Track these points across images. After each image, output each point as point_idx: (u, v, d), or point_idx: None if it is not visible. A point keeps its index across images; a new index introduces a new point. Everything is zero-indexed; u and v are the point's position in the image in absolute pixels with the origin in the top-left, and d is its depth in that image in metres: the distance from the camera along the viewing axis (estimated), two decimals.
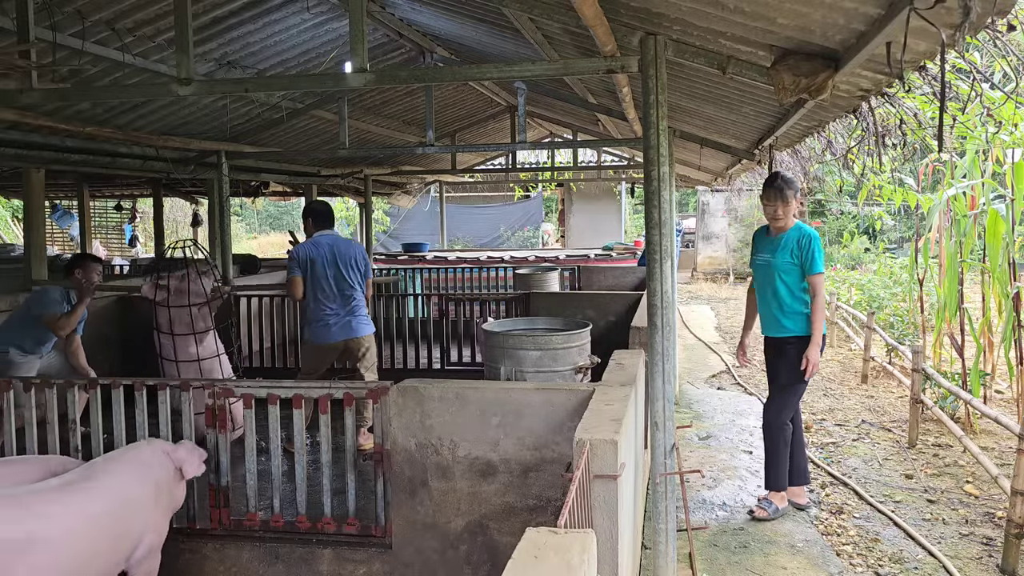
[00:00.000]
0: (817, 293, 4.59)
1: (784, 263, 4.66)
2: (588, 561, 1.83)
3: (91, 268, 5.54)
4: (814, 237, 4.65)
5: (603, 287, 10.10)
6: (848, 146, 4.61)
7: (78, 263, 5.54)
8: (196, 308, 5.53)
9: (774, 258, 4.71)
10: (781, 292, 4.67)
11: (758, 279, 4.86)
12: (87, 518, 2.99)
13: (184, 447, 3.62)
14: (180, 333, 5.50)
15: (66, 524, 2.91)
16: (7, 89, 3.95)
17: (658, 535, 3.39)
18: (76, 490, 3.05)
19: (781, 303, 4.67)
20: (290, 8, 5.51)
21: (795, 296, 4.65)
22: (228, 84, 4.10)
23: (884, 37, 2.40)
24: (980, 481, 5.28)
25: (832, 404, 7.47)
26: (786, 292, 4.66)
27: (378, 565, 3.65)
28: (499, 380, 4.70)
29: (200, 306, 5.57)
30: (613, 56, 3.47)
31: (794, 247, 4.64)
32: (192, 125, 7.14)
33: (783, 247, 4.68)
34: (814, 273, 4.59)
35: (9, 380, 3.93)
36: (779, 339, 4.72)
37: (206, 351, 5.62)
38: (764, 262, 4.79)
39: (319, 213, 5.49)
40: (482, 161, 15.35)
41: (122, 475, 3.26)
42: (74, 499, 3.01)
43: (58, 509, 2.93)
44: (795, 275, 4.64)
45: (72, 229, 15.56)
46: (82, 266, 5.48)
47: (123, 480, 3.23)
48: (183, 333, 5.50)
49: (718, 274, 20.57)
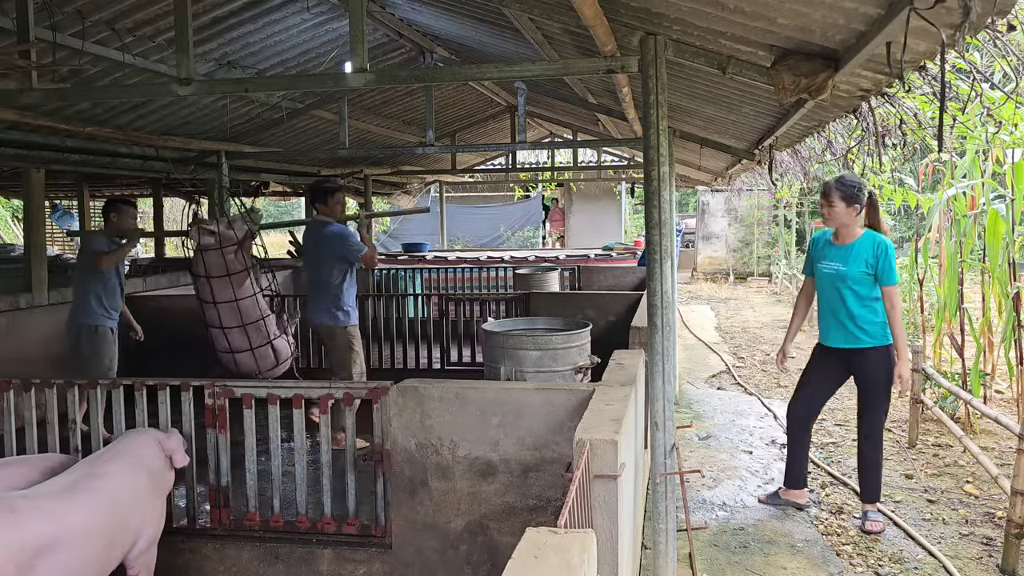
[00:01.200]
0: (895, 304, 4.44)
1: (857, 273, 4.49)
2: (588, 561, 1.83)
3: (125, 211, 5.75)
4: (888, 246, 4.49)
5: (603, 287, 10.10)
6: (848, 146, 4.61)
7: (112, 207, 5.74)
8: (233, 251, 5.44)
9: (845, 267, 4.53)
10: (851, 302, 4.51)
11: (823, 288, 4.69)
12: (98, 516, 3.00)
13: (174, 436, 3.66)
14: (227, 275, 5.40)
15: (80, 524, 2.91)
16: (7, 89, 3.95)
17: (658, 535, 3.39)
18: (85, 489, 3.05)
19: (852, 313, 4.51)
20: (290, 8, 5.51)
21: (866, 306, 4.50)
22: (228, 84, 4.10)
23: (884, 37, 2.40)
24: (980, 481, 5.27)
25: (832, 404, 7.45)
26: (856, 302, 4.51)
27: (378, 565, 3.65)
28: (499, 380, 4.70)
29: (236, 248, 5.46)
30: (613, 56, 3.47)
31: (868, 257, 4.48)
32: (192, 125, 7.14)
33: (855, 256, 4.52)
34: (891, 284, 4.44)
35: (9, 380, 3.93)
36: (851, 350, 4.56)
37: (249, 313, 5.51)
38: (832, 271, 4.60)
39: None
40: (482, 161, 15.35)
41: (120, 469, 3.27)
42: (85, 498, 3.01)
43: (71, 509, 2.92)
44: (868, 285, 4.49)
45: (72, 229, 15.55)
46: (116, 210, 5.69)
47: (122, 474, 3.25)
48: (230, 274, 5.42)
49: (718, 274, 20.57)
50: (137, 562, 3.29)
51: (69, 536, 2.85)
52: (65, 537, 2.84)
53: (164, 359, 6.77)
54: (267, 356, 5.60)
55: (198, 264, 5.43)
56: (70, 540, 2.85)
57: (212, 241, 5.34)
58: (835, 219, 4.57)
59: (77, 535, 2.88)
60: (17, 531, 2.72)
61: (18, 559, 2.68)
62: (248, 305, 5.48)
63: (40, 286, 6.57)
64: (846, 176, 4.65)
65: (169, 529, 3.69)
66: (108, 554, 3.06)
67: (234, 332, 5.46)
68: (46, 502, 2.91)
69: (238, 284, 5.43)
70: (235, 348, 5.50)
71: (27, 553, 2.72)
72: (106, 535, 3.03)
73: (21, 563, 2.69)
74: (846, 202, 4.50)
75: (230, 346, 5.50)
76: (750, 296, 16.98)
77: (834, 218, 4.56)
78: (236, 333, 5.47)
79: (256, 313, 5.54)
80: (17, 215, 19.56)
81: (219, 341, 5.53)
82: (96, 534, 2.97)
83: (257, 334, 5.53)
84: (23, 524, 2.75)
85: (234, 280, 5.41)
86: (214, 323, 5.47)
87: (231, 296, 5.41)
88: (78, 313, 5.63)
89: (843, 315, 4.55)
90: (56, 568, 2.80)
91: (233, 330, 5.46)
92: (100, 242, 5.65)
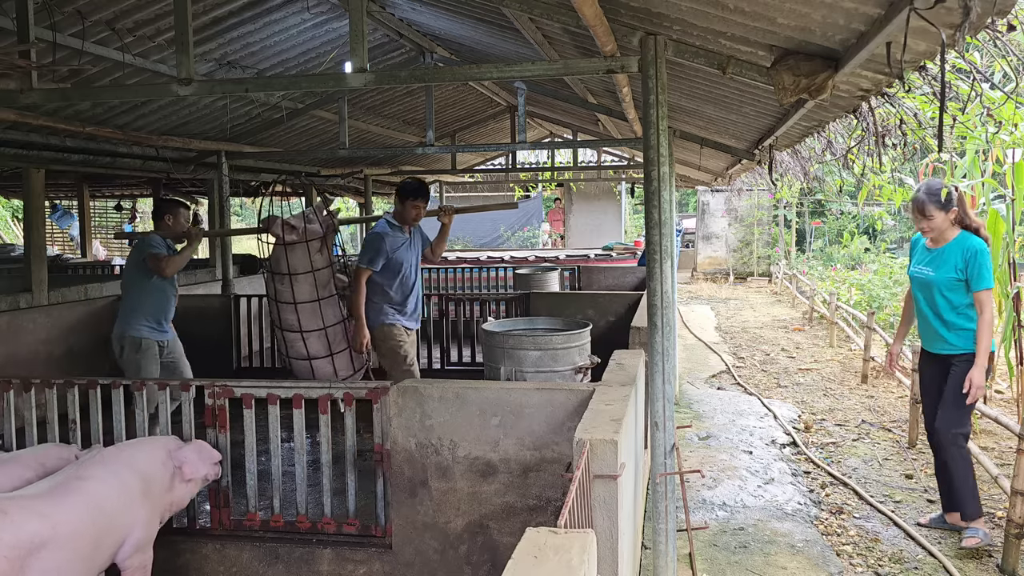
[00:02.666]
0: (984, 309, 4.25)
1: (947, 279, 4.34)
2: (588, 561, 1.83)
3: (181, 213, 5.32)
4: (980, 250, 4.28)
5: (603, 287, 10.11)
6: (848, 146, 4.60)
7: (166, 209, 5.32)
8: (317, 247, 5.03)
9: (936, 273, 4.39)
10: (943, 308, 4.37)
11: (916, 292, 4.58)
12: (84, 517, 3.02)
13: (192, 447, 3.60)
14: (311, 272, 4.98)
15: (67, 524, 2.93)
16: (7, 89, 3.95)
17: (658, 535, 3.39)
18: (71, 490, 3.08)
19: (944, 319, 4.38)
20: (290, 8, 5.51)
21: (959, 312, 4.34)
22: (228, 84, 4.10)
23: (884, 37, 2.40)
24: (980, 481, 5.26)
25: (832, 404, 7.47)
26: (948, 308, 4.36)
27: (378, 565, 3.65)
28: (499, 380, 4.70)
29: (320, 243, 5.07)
30: (613, 56, 3.47)
31: (958, 262, 4.31)
32: (192, 125, 7.14)
33: (944, 262, 4.36)
34: (981, 289, 4.25)
35: (9, 380, 3.93)
36: (943, 356, 4.42)
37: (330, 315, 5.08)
38: (923, 276, 4.47)
39: None
40: (482, 161, 15.35)
41: (107, 472, 3.26)
42: (71, 499, 3.03)
43: (58, 510, 2.95)
44: (960, 291, 4.33)
45: (72, 229, 15.56)
46: (171, 212, 5.27)
47: (110, 476, 3.24)
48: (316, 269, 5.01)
49: (718, 274, 20.58)
50: (129, 563, 3.30)
51: (58, 536, 2.89)
52: (55, 537, 2.88)
53: None
54: (346, 362, 5.18)
55: (280, 262, 4.98)
56: (59, 540, 2.89)
57: (295, 237, 4.94)
58: (937, 231, 4.40)
59: (66, 535, 2.92)
60: (9, 531, 2.77)
61: (12, 556, 2.74)
62: (330, 306, 5.09)
63: (40, 286, 6.58)
64: (931, 184, 4.48)
65: (169, 529, 3.70)
66: (95, 555, 3.09)
67: (313, 337, 5.02)
68: (35, 503, 2.95)
69: (322, 283, 5.04)
70: (313, 354, 5.03)
71: (20, 551, 2.76)
72: (93, 535, 3.05)
73: (14, 561, 2.74)
74: (944, 210, 4.34)
75: (308, 352, 5.03)
76: (750, 296, 16.98)
77: (936, 230, 4.39)
78: (315, 337, 5.03)
79: (337, 314, 5.13)
80: (17, 215, 19.57)
81: (295, 347, 5.06)
82: (83, 534, 3.00)
83: (336, 338, 5.10)
84: (15, 524, 2.80)
85: (318, 278, 5.01)
86: (292, 327, 5.01)
87: (314, 295, 5.00)
88: (122, 322, 5.17)
89: (936, 322, 4.42)
90: (48, 567, 2.84)
91: (312, 334, 5.01)
92: (157, 244, 5.18)
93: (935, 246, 4.46)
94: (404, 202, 5.20)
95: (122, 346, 5.15)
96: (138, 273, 5.18)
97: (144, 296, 5.16)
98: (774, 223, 20.48)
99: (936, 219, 4.35)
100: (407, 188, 5.24)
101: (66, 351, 6.54)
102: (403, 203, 5.21)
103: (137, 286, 5.18)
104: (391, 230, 5.18)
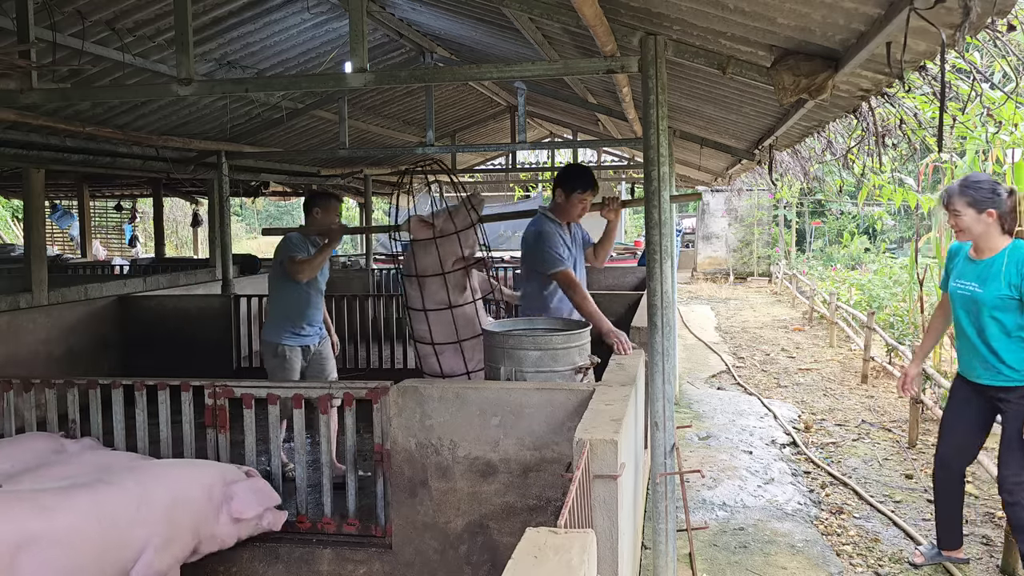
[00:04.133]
0: None
1: (995, 298, 3.64)
2: (588, 561, 1.83)
3: (332, 206, 4.82)
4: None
5: (603, 287, 10.09)
6: (848, 146, 4.60)
7: (316, 202, 4.80)
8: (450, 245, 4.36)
9: (982, 290, 3.69)
10: (992, 332, 3.68)
11: (958, 311, 3.84)
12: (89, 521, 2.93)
13: (247, 483, 3.39)
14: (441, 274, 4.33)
15: (69, 524, 2.87)
16: (7, 89, 3.95)
17: (658, 535, 3.39)
18: (86, 491, 3.01)
19: (992, 346, 3.69)
20: (290, 8, 5.52)
21: (1013, 336, 3.65)
22: (228, 84, 4.10)
23: (884, 37, 2.40)
24: (980, 481, 5.27)
25: (832, 404, 7.47)
26: (999, 332, 3.67)
27: (378, 565, 3.65)
28: (499, 380, 4.70)
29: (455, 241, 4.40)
30: (613, 56, 3.47)
31: (1012, 277, 3.61)
32: (192, 125, 7.14)
33: (993, 276, 3.66)
34: None
35: (9, 380, 3.93)
36: (995, 388, 3.74)
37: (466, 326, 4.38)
38: (967, 292, 3.76)
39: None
40: (482, 161, 15.35)
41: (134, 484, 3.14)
42: (81, 500, 2.97)
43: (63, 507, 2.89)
44: (1012, 312, 3.63)
45: (72, 229, 15.58)
46: (322, 206, 4.77)
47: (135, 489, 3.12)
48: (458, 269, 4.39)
49: (718, 274, 20.59)
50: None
51: (56, 529, 2.81)
52: (52, 530, 2.80)
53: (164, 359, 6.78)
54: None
55: (408, 263, 4.45)
56: (57, 534, 2.81)
57: (429, 235, 4.32)
58: (967, 231, 3.72)
59: (64, 529, 2.83)
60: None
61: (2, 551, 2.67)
62: (465, 314, 4.35)
63: (40, 286, 6.57)
64: (972, 176, 3.87)
65: None
66: (100, 563, 2.96)
67: (447, 352, 4.30)
68: (39, 494, 2.88)
69: (454, 286, 4.32)
70: (447, 372, 4.30)
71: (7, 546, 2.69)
72: (98, 540, 2.94)
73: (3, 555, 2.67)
74: (975, 208, 3.65)
75: (441, 369, 4.31)
76: (750, 296, 16.99)
77: (966, 230, 3.72)
78: (450, 352, 4.31)
79: (475, 326, 4.33)
80: (17, 215, 19.58)
81: (427, 362, 4.40)
82: (85, 535, 2.90)
83: (473, 353, 4.31)
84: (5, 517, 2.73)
85: (449, 281, 4.30)
86: (423, 338, 4.35)
87: (444, 300, 4.30)
88: (265, 328, 4.86)
89: (982, 348, 3.73)
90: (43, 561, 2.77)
91: (447, 349, 4.30)
92: (296, 246, 4.70)
93: (980, 256, 3.76)
94: (569, 196, 4.38)
95: (263, 353, 4.89)
96: (276, 276, 4.80)
97: (282, 299, 4.78)
98: (774, 223, 20.49)
99: (964, 216, 3.69)
100: (570, 178, 4.41)
101: (66, 351, 6.54)
102: (567, 197, 4.39)
103: (276, 288, 4.82)
104: (555, 227, 4.40)
